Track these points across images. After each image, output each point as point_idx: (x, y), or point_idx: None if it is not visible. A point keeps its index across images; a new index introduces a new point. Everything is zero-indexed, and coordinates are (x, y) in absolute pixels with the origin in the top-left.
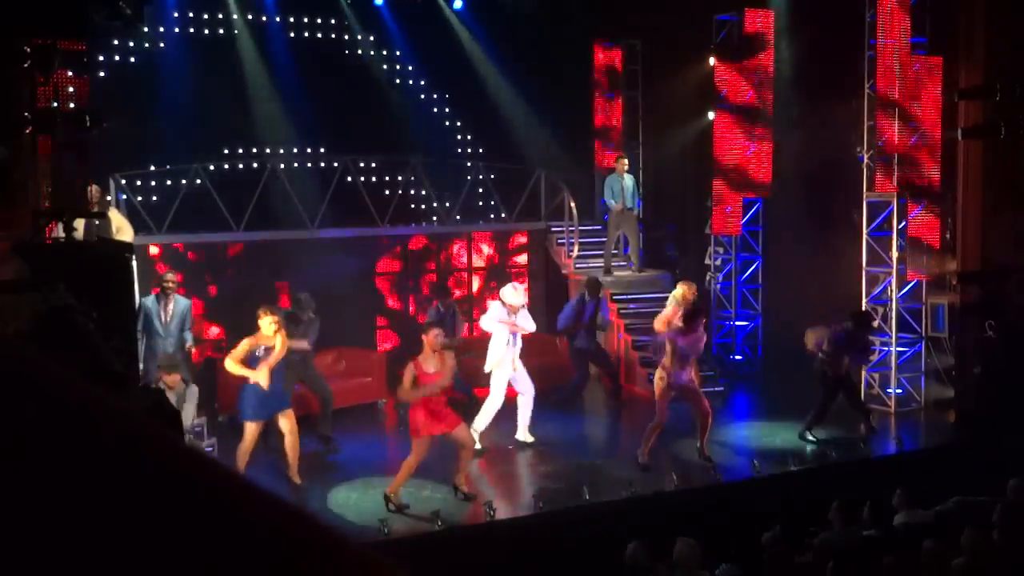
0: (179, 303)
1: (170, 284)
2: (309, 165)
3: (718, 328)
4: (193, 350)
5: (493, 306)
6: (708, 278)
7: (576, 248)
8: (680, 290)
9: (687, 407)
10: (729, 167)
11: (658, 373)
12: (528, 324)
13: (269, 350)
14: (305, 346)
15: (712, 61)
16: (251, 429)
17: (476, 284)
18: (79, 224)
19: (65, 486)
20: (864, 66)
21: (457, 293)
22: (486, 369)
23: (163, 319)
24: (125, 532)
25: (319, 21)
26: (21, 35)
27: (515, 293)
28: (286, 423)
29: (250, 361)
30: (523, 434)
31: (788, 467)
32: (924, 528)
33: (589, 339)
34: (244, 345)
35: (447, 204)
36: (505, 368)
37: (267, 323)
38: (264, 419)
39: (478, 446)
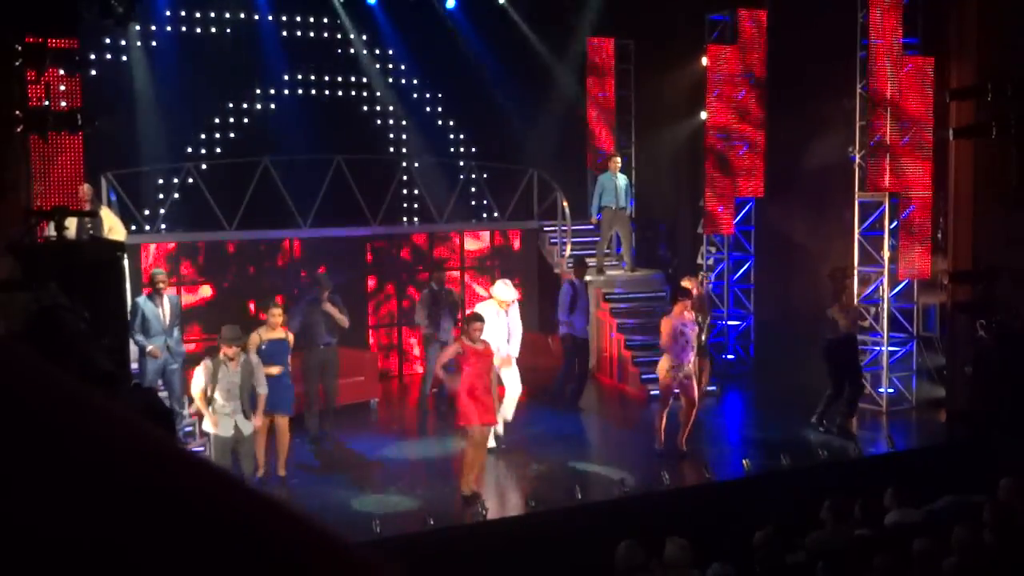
0: (171, 300)
1: (162, 282)
2: (302, 163)
3: (711, 327)
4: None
5: (483, 307)
6: (700, 277)
7: (569, 247)
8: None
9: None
10: (722, 166)
11: (661, 363)
12: (513, 328)
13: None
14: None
15: (705, 61)
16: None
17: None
18: (71, 223)
19: (57, 486)
20: (856, 66)
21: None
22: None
23: (162, 318)
24: (118, 533)
25: (312, 20)
26: (12, 33)
27: (507, 288)
28: (282, 423)
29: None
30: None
31: (780, 466)
32: (915, 527)
33: (585, 326)
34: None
35: (439, 203)
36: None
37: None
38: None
39: (491, 444)
